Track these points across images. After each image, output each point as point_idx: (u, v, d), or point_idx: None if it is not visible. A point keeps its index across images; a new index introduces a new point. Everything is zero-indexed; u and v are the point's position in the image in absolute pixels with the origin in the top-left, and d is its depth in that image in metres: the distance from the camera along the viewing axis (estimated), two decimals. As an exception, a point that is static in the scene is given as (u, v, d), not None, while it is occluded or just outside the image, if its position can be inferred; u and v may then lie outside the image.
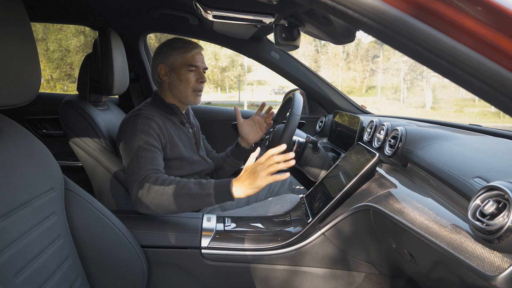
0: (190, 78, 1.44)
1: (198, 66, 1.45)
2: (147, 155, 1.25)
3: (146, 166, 1.21)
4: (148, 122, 1.32)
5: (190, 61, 1.43)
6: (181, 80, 1.44)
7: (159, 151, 1.31)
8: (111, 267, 1.00)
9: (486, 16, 0.45)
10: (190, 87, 1.45)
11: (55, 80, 20.57)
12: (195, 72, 1.45)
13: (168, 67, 1.44)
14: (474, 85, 0.46)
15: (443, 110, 23.84)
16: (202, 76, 1.47)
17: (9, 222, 0.71)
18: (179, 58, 1.43)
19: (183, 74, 1.43)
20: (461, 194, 0.76)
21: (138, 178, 1.17)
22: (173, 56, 1.43)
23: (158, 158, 1.28)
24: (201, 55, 1.47)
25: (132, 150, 1.25)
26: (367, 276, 1.16)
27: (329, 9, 0.52)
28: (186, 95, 1.46)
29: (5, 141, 0.77)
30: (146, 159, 1.23)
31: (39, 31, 17.56)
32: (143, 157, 1.23)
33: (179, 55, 1.43)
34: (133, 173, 1.20)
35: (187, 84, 1.44)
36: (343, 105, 2.06)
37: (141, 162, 1.22)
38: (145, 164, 1.22)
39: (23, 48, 0.72)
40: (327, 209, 1.11)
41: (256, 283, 1.15)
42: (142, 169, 1.20)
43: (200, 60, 1.46)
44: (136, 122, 1.32)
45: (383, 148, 1.18)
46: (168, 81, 1.46)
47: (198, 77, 1.46)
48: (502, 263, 0.58)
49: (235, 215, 1.40)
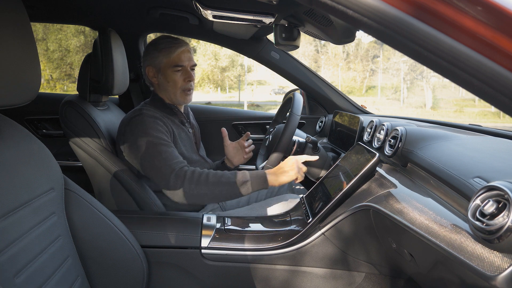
0: (177, 78, 1.42)
1: (184, 65, 1.43)
2: (167, 149, 1.28)
3: (174, 160, 1.26)
4: (155, 120, 1.33)
5: (175, 61, 1.41)
6: (168, 82, 1.43)
7: (173, 146, 1.33)
8: (111, 267, 1.00)
9: (486, 16, 0.45)
10: (178, 87, 1.43)
11: (55, 80, 20.57)
12: (182, 71, 1.43)
13: (155, 68, 1.44)
14: (474, 85, 0.46)
15: (443, 110, 23.84)
16: (190, 74, 1.44)
17: (9, 222, 0.71)
18: (164, 59, 1.41)
19: (169, 75, 1.42)
20: (461, 194, 0.76)
21: (172, 171, 1.22)
22: (158, 57, 1.42)
23: (176, 151, 1.32)
24: (187, 53, 1.44)
25: (149, 148, 1.26)
26: (367, 276, 1.16)
27: (329, 9, 0.52)
28: (175, 95, 1.45)
29: (5, 141, 0.77)
30: (170, 153, 1.27)
31: (39, 31, 17.57)
32: (165, 152, 1.27)
33: (163, 56, 1.41)
34: (163, 169, 1.23)
35: (175, 85, 1.43)
36: (343, 105, 2.06)
37: (167, 157, 1.25)
38: (172, 158, 1.26)
39: (23, 48, 0.72)
40: (327, 209, 1.11)
41: (256, 283, 1.15)
42: (172, 163, 1.24)
43: (186, 58, 1.43)
44: (144, 121, 1.32)
45: (383, 148, 1.18)
46: (157, 83, 1.45)
47: (185, 76, 1.43)
48: (502, 263, 0.58)
49: (235, 215, 1.40)
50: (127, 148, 1.33)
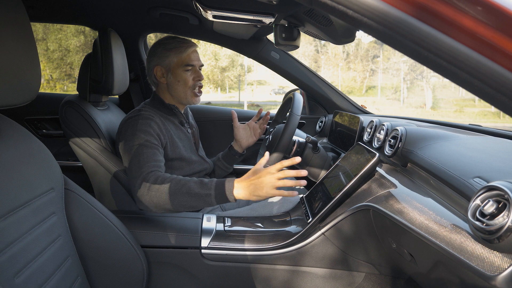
0: (187, 77, 1.43)
1: (194, 64, 1.44)
2: (147, 151, 1.25)
3: (147, 163, 1.21)
4: (148, 122, 1.32)
5: (186, 61, 1.42)
6: (178, 81, 1.43)
7: (159, 148, 1.31)
8: (111, 267, 1.00)
9: (486, 16, 0.45)
10: (188, 87, 1.44)
11: (55, 80, 20.56)
12: (192, 71, 1.45)
13: (164, 68, 1.44)
14: (474, 85, 0.46)
15: (443, 110, 23.84)
16: (199, 74, 1.46)
17: (9, 222, 0.71)
18: (174, 58, 1.42)
19: (180, 75, 1.43)
20: (461, 194, 0.76)
21: (140, 176, 1.17)
22: (168, 57, 1.42)
23: (158, 154, 1.28)
24: (196, 53, 1.46)
25: (133, 149, 1.25)
26: (367, 276, 1.16)
27: (329, 9, 0.52)
28: (185, 95, 1.45)
29: (5, 141, 0.77)
30: (147, 155, 1.23)
31: (39, 31, 17.56)
32: (143, 154, 1.23)
33: (174, 55, 1.42)
34: (134, 171, 1.20)
35: (185, 84, 1.44)
36: (343, 105, 2.06)
37: (142, 159, 1.22)
38: (146, 161, 1.21)
39: (23, 48, 0.72)
40: (327, 209, 1.11)
41: (256, 283, 1.15)
42: (143, 166, 1.20)
43: (196, 58, 1.45)
44: (136, 122, 1.32)
45: (383, 148, 1.18)
46: (166, 82, 1.45)
47: (195, 76, 1.45)
48: (502, 263, 0.58)
49: (235, 215, 1.40)
50: (120, 148, 1.33)
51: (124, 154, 1.29)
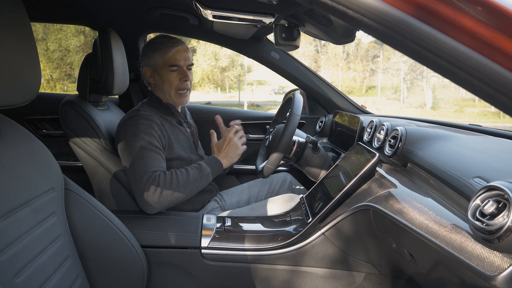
0: (172, 78, 1.42)
1: (179, 65, 1.42)
2: (151, 155, 1.26)
3: (152, 168, 1.23)
4: (149, 123, 1.32)
5: (170, 61, 1.41)
6: (163, 82, 1.43)
7: (162, 152, 1.32)
8: (111, 267, 1.00)
9: (486, 16, 0.45)
10: (173, 87, 1.43)
11: (55, 80, 20.57)
12: (178, 71, 1.43)
13: (152, 68, 1.44)
14: (474, 85, 0.46)
15: (443, 110, 23.84)
16: (186, 74, 1.43)
17: (9, 222, 0.71)
18: (159, 59, 1.41)
19: (165, 75, 1.42)
20: (461, 194, 0.76)
21: (145, 180, 1.20)
22: (154, 57, 1.42)
23: (161, 159, 1.29)
24: (183, 52, 1.43)
25: (135, 151, 1.25)
26: (367, 276, 1.16)
27: (329, 9, 0.52)
28: (170, 95, 1.44)
29: (5, 141, 0.77)
30: (152, 159, 1.25)
31: (39, 31, 17.56)
32: (148, 158, 1.24)
33: (159, 56, 1.41)
34: (138, 174, 1.21)
35: (170, 85, 1.43)
36: (343, 105, 2.06)
37: (146, 163, 1.23)
38: (151, 166, 1.23)
39: (23, 48, 0.72)
40: (327, 209, 1.11)
41: (256, 283, 1.15)
42: (148, 170, 1.22)
43: (182, 58, 1.43)
44: (138, 123, 1.31)
45: (383, 148, 1.18)
46: (154, 83, 1.45)
47: (181, 76, 1.43)
48: (502, 263, 0.58)
49: (235, 215, 1.40)
50: (120, 149, 1.33)
51: (125, 155, 1.29)
